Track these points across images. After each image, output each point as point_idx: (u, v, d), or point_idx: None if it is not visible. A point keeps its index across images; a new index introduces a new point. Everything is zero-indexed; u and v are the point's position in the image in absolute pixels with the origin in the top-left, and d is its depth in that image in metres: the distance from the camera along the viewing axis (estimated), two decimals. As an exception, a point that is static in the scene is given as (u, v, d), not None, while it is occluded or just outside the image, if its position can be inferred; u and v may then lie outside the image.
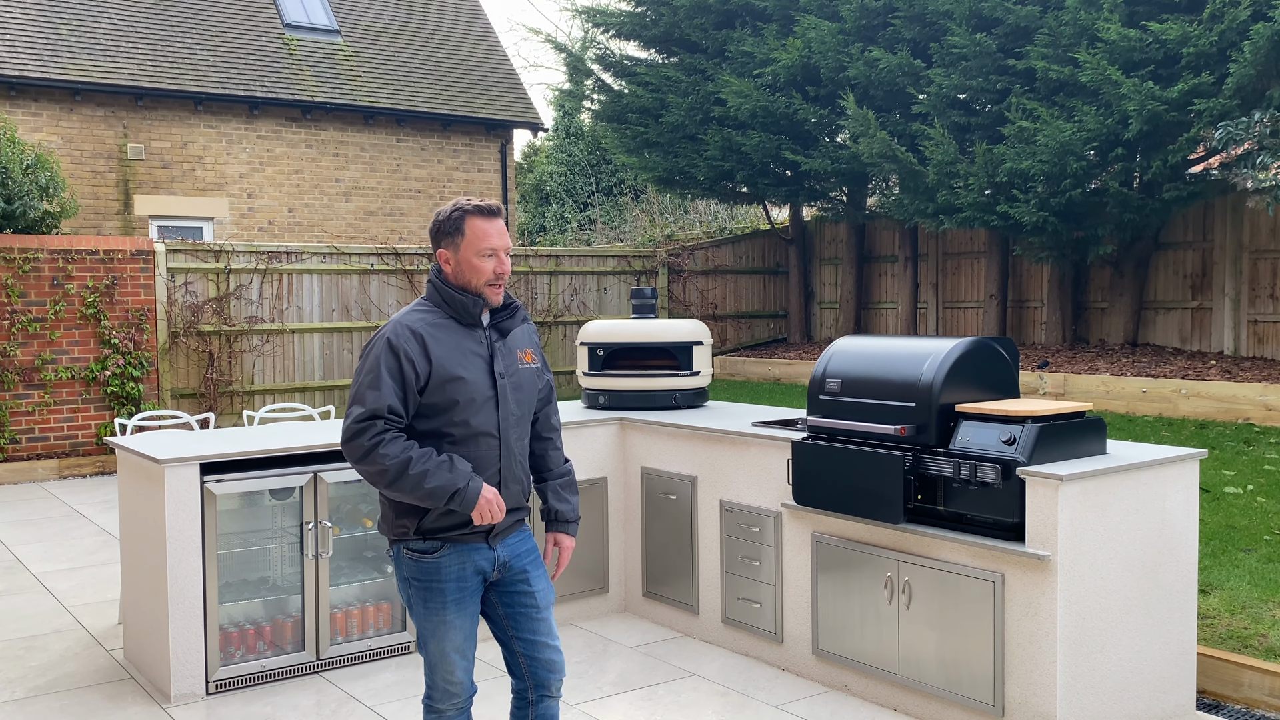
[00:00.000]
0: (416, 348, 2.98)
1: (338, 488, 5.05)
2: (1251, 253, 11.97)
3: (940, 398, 4.08)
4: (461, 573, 3.06)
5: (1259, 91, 10.27)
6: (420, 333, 3.00)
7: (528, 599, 3.16)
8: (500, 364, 3.08)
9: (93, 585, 6.55)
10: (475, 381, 3.02)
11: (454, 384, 2.98)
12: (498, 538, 3.11)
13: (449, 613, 3.05)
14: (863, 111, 12.74)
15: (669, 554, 5.48)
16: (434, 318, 3.06)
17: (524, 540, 3.20)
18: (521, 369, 3.15)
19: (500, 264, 3.05)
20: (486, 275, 3.04)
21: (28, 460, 10.49)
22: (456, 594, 3.05)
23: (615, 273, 15.28)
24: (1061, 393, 11.13)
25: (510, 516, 3.13)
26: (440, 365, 2.98)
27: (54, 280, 10.63)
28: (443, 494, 2.91)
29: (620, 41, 16.76)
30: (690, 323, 5.97)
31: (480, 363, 3.05)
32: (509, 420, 3.08)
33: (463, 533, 3.04)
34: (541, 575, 3.21)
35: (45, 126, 14.29)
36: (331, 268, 12.60)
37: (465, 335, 3.06)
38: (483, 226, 3.04)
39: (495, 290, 3.07)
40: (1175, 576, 4.17)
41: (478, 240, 3.03)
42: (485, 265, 3.04)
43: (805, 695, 4.58)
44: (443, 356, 2.99)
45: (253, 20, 16.56)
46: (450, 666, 3.09)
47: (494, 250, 3.04)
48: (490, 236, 3.04)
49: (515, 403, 3.11)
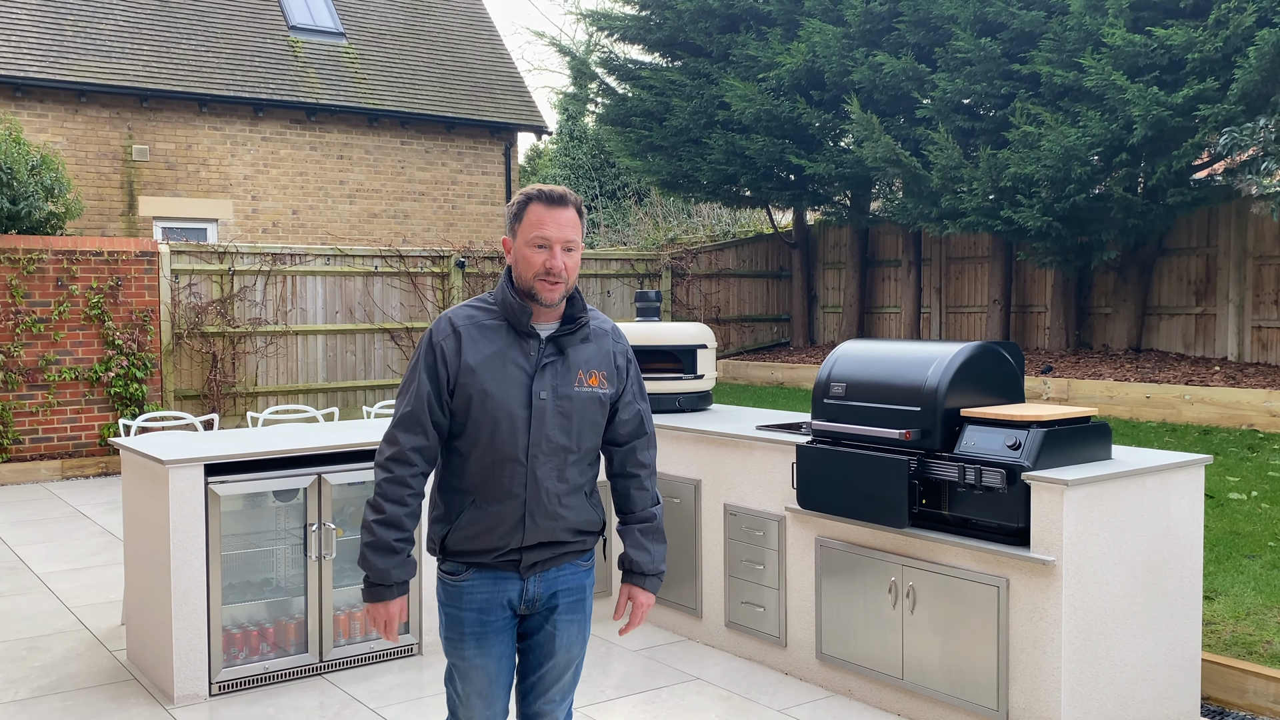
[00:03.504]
0: (453, 345, 2.71)
1: (341, 489, 5.05)
2: (1256, 258, 11.95)
3: (945, 402, 4.08)
4: (486, 603, 2.75)
5: (1264, 97, 10.27)
6: (460, 330, 2.72)
7: (544, 642, 2.82)
8: (544, 382, 2.71)
9: (96, 586, 6.56)
10: (505, 398, 2.68)
11: (481, 397, 2.68)
12: (533, 570, 2.77)
13: (468, 648, 2.76)
14: (867, 115, 12.74)
15: (672, 557, 5.47)
16: (485, 316, 2.76)
17: (569, 577, 2.83)
18: (579, 392, 2.74)
19: (552, 258, 2.67)
20: (535, 268, 2.68)
21: (31, 461, 10.50)
22: (477, 627, 2.75)
23: (619, 276, 15.28)
24: (1065, 398, 11.12)
25: (548, 551, 2.77)
26: (468, 370, 2.69)
27: (58, 281, 10.65)
28: (363, 568, 2.73)
29: (624, 45, 16.79)
30: (694, 326, 5.96)
31: (521, 376, 2.70)
32: (541, 447, 2.70)
33: (490, 559, 2.74)
34: (573, 622, 2.84)
35: (50, 127, 14.32)
36: (335, 270, 12.61)
37: (513, 343, 2.72)
38: (541, 214, 2.70)
39: (548, 287, 2.69)
40: (1180, 582, 4.16)
41: (531, 227, 2.70)
42: (536, 257, 2.69)
43: (809, 700, 4.57)
44: (476, 362, 2.69)
45: (258, 22, 16.59)
46: (469, 713, 2.80)
47: (547, 241, 2.68)
48: (545, 225, 2.68)
49: (559, 430, 2.72)
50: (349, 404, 12.64)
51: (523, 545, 2.73)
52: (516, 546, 2.73)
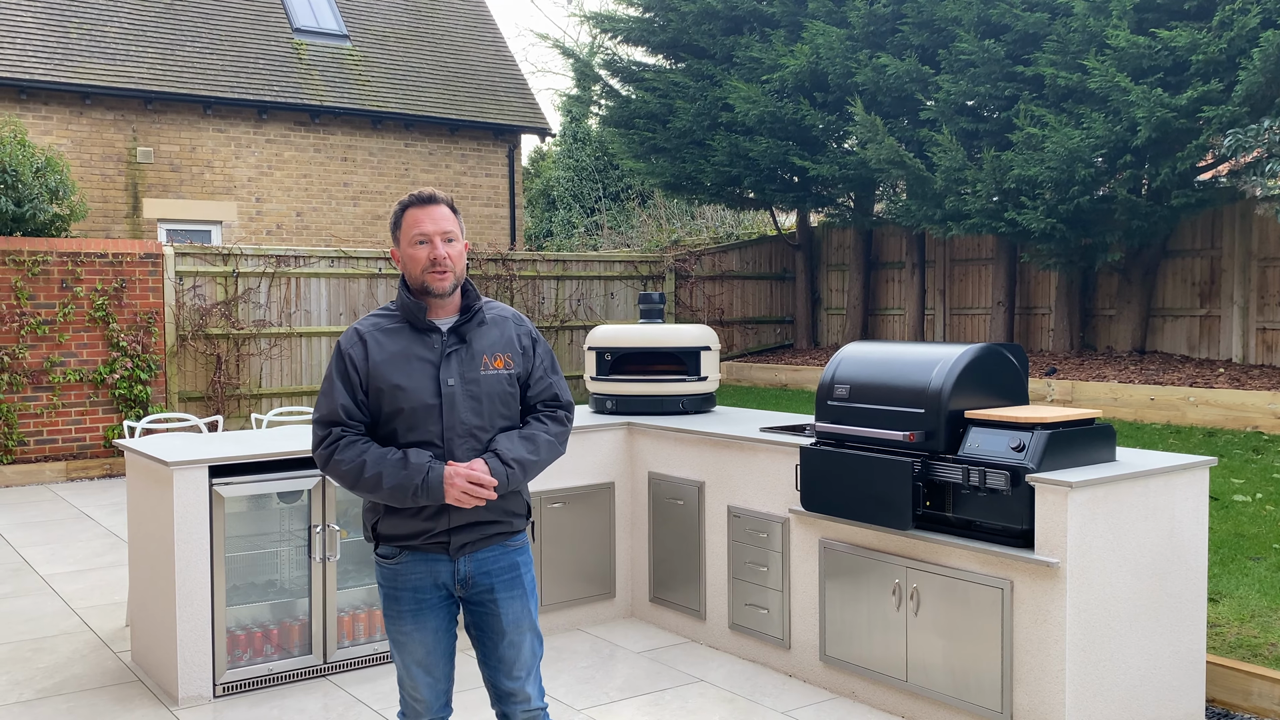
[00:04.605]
0: (360, 352, 2.93)
1: (345, 491, 5.05)
2: (1260, 260, 11.94)
3: (949, 404, 4.08)
4: (420, 583, 2.96)
5: (1268, 99, 10.26)
6: (366, 337, 2.94)
7: (492, 621, 3.01)
8: (451, 370, 2.92)
9: (100, 587, 6.56)
10: (415, 389, 2.89)
11: (392, 391, 2.89)
12: (462, 550, 2.95)
13: (405, 623, 2.97)
14: (870, 117, 12.74)
15: (676, 559, 5.47)
16: (388, 322, 2.99)
17: (499, 557, 3.01)
18: (486, 375, 2.96)
19: (434, 249, 2.90)
20: (422, 263, 2.91)
21: (36, 462, 10.52)
22: (413, 604, 2.96)
23: (622, 278, 15.29)
24: (1069, 400, 11.11)
25: (474, 532, 2.95)
26: (378, 371, 2.90)
27: (63, 283, 10.67)
28: (404, 492, 2.82)
29: (628, 47, 16.79)
30: (698, 328, 5.96)
31: (427, 369, 2.92)
32: (456, 430, 2.90)
33: (419, 542, 2.93)
34: (513, 598, 3.01)
35: (55, 130, 14.35)
36: (339, 271, 12.63)
37: (415, 340, 2.95)
38: (416, 214, 2.93)
39: (437, 277, 2.91)
40: (1184, 584, 4.16)
41: (410, 228, 2.94)
42: (420, 253, 2.92)
43: (812, 701, 4.57)
44: (383, 362, 2.91)
45: (262, 25, 16.61)
46: (413, 681, 3.02)
47: (427, 236, 2.91)
48: (422, 223, 2.92)
49: (471, 412, 2.93)
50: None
51: (450, 527, 2.92)
52: (444, 529, 2.92)
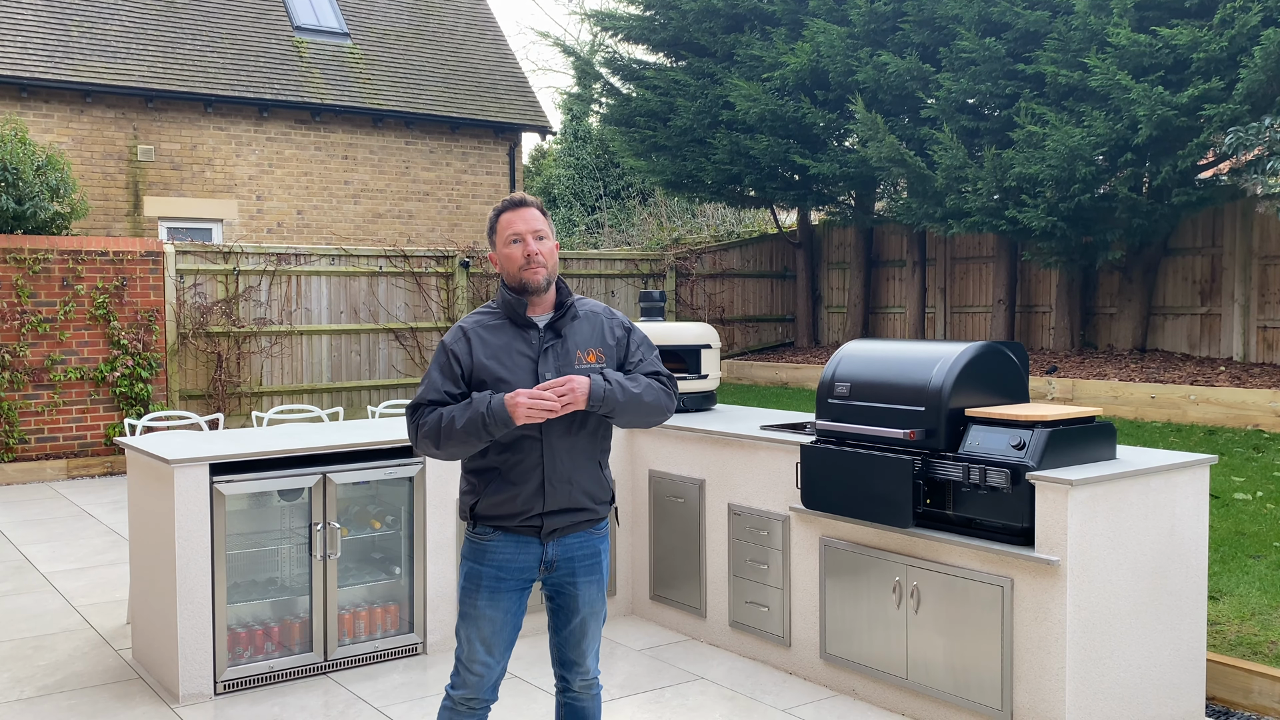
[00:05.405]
0: (464, 348, 3.10)
1: (346, 489, 5.06)
2: (1261, 259, 11.94)
3: (950, 402, 4.08)
4: (505, 563, 3.10)
5: (1269, 97, 10.25)
6: (470, 333, 3.12)
7: (569, 602, 3.19)
8: (548, 364, 3.10)
9: (101, 585, 6.57)
10: (516, 382, 3.05)
11: (495, 384, 3.05)
12: (552, 535, 3.12)
13: (480, 598, 3.10)
14: (871, 115, 12.73)
15: (676, 557, 5.47)
16: (490, 319, 3.17)
17: (584, 543, 3.18)
18: (580, 369, 3.12)
19: (527, 246, 3.09)
20: (518, 260, 3.10)
21: (37, 460, 10.52)
22: (492, 582, 3.10)
23: (623, 276, 15.29)
24: (1070, 398, 11.11)
25: (566, 518, 3.11)
26: (481, 366, 3.07)
27: (64, 281, 10.67)
28: (475, 426, 2.96)
29: (629, 45, 16.79)
30: (699, 326, 5.96)
31: (526, 363, 3.09)
32: (552, 421, 3.06)
33: (514, 523, 3.09)
34: (591, 583, 3.20)
35: (56, 128, 14.35)
36: (340, 270, 12.63)
37: (516, 336, 3.12)
38: (509, 217, 3.13)
39: (532, 272, 3.09)
40: (1185, 582, 4.16)
41: (505, 229, 3.13)
42: (514, 252, 3.10)
43: (813, 699, 4.57)
44: (486, 357, 3.08)
45: (263, 23, 16.61)
46: (472, 655, 3.13)
47: (519, 235, 3.10)
48: (514, 224, 3.11)
49: None
50: (353, 404, 12.65)
51: (544, 511, 3.09)
52: (539, 512, 3.08)
